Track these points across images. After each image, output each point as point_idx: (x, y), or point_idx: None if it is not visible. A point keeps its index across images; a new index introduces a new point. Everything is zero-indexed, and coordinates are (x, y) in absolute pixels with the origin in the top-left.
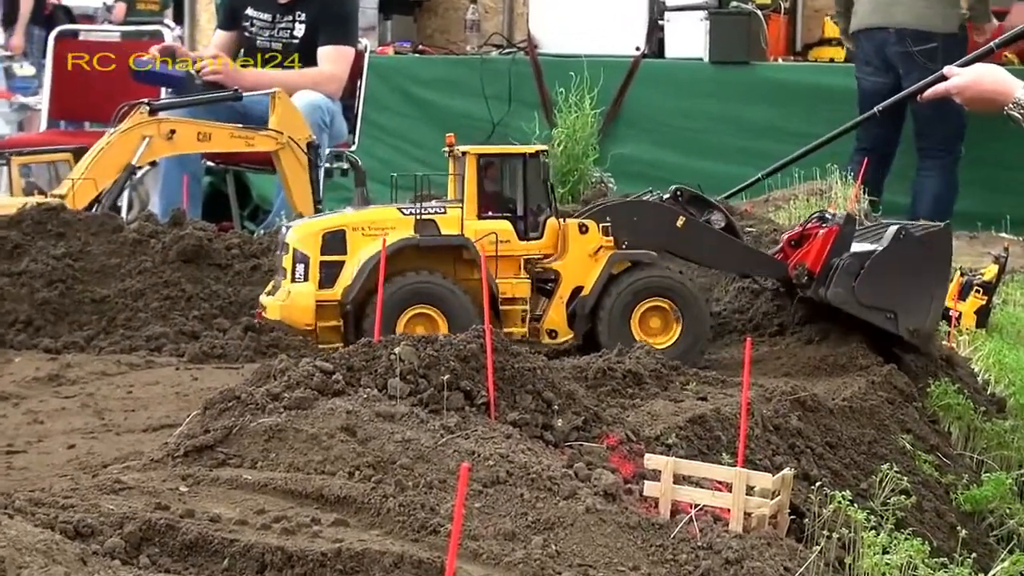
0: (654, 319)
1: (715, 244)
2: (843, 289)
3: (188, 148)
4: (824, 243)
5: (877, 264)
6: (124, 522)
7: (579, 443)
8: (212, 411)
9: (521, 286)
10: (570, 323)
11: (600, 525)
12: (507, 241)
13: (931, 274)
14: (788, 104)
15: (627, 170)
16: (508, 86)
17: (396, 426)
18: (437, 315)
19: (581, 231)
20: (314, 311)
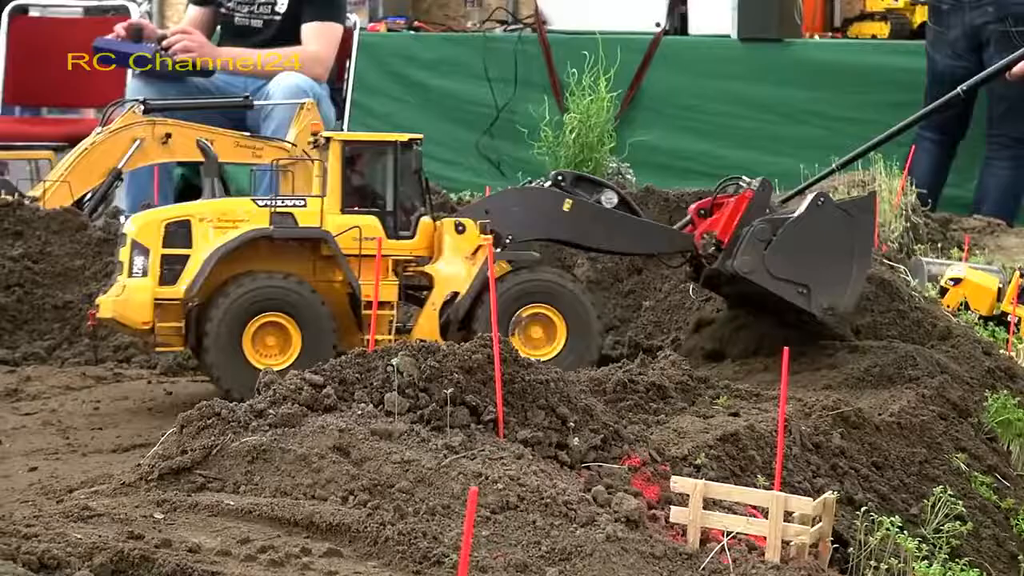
0: (535, 328)
1: (609, 225)
2: (751, 257)
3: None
4: (735, 210)
5: (791, 232)
6: (93, 553)
7: (598, 464)
8: (190, 429)
9: (389, 289)
10: (443, 333)
11: (622, 555)
12: (374, 239)
13: (851, 246)
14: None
15: (647, 160)
16: (514, 67)
17: (394, 445)
18: (289, 324)
19: (458, 230)
20: (152, 309)
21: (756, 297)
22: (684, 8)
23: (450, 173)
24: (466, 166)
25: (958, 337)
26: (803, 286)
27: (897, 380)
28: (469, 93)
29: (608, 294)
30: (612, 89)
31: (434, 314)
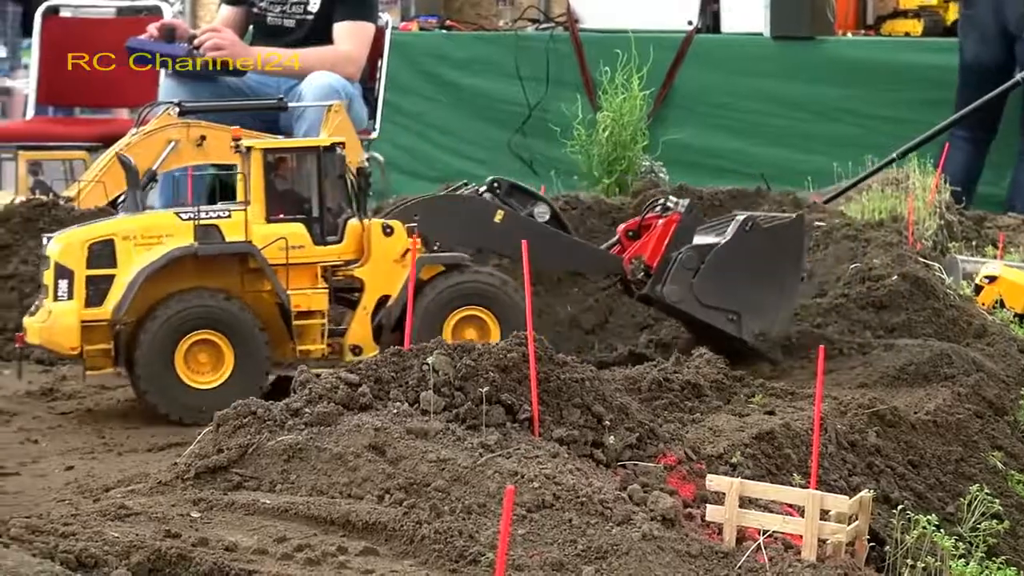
0: (470, 329)
1: (538, 240)
2: (680, 286)
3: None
4: (663, 234)
5: (719, 259)
6: (131, 551)
7: (633, 462)
8: (226, 428)
9: (318, 298)
10: (376, 337)
11: (658, 553)
12: (301, 247)
13: (781, 270)
14: (858, 84)
15: (680, 158)
16: (546, 65)
17: (430, 444)
18: (222, 341)
19: (386, 233)
20: (79, 333)
21: (689, 320)
22: (716, 6)
23: (482, 172)
24: (498, 165)
25: (993, 335)
26: (733, 313)
27: (933, 378)
28: (501, 92)
29: None
30: (645, 87)
31: (366, 318)
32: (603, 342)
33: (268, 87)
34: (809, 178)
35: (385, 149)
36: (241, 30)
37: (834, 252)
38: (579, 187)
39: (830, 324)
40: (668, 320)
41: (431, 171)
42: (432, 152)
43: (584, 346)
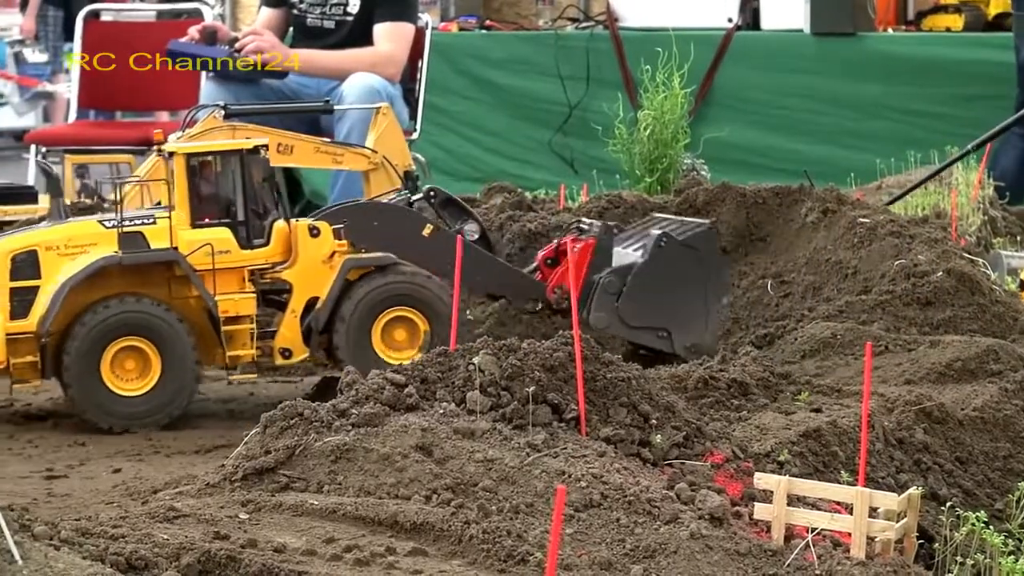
0: (399, 331)
1: (464, 259)
2: (606, 312)
3: None
4: (582, 260)
5: (639, 279)
6: (181, 553)
7: (680, 461)
8: (273, 429)
9: (246, 302)
10: (306, 339)
11: (706, 552)
12: (227, 251)
13: (703, 281)
14: (900, 80)
15: (721, 156)
16: (586, 64)
17: (477, 444)
18: (148, 347)
19: (312, 234)
20: (5, 346)
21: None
22: (756, 3)
23: (524, 172)
24: (539, 164)
25: None
26: (662, 330)
27: (979, 374)
28: (541, 91)
29: None
30: (686, 85)
31: (295, 320)
32: None
33: (309, 89)
34: (852, 174)
35: (426, 150)
36: (281, 32)
37: (878, 249)
38: (621, 186)
39: (875, 321)
40: None
41: (473, 171)
42: (473, 152)
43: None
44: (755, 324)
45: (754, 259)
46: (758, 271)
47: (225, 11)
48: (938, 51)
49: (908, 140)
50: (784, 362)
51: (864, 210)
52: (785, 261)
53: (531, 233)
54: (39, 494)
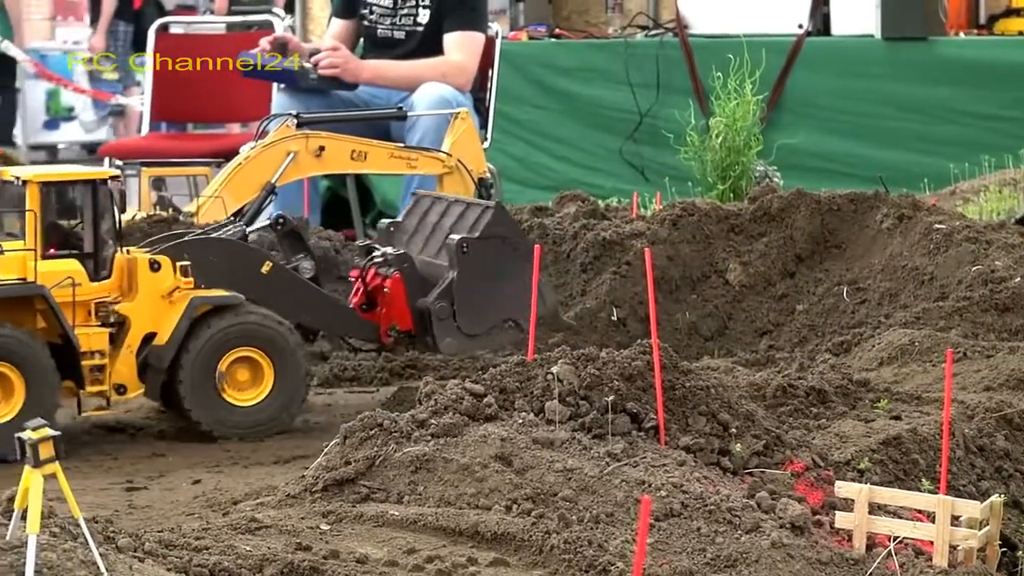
0: (242, 371)
1: (299, 297)
2: (453, 338)
3: (339, 167)
4: (398, 295)
5: (464, 292)
6: (264, 565)
7: (760, 470)
8: (352, 440)
9: (99, 336)
10: (141, 375)
11: (788, 561)
12: (80, 284)
13: (515, 259)
14: (972, 84)
15: (794, 162)
16: (656, 72)
17: (556, 454)
18: (12, 373)
19: (153, 268)
20: None
21: None
22: (827, 8)
23: (595, 180)
24: (610, 172)
25: None
26: (507, 321)
27: None
28: (611, 99)
29: (761, 298)
30: (758, 92)
31: (131, 356)
32: (722, 348)
33: (379, 99)
34: (925, 180)
35: (497, 159)
36: (352, 42)
37: (955, 255)
38: (693, 193)
39: (953, 328)
40: (788, 325)
41: (543, 180)
42: (544, 161)
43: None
44: (831, 331)
45: (829, 266)
46: (833, 278)
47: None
48: (1010, 55)
49: (980, 145)
50: (862, 369)
51: (940, 216)
52: (860, 268)
53: (606, 242)
54: (120, 506)
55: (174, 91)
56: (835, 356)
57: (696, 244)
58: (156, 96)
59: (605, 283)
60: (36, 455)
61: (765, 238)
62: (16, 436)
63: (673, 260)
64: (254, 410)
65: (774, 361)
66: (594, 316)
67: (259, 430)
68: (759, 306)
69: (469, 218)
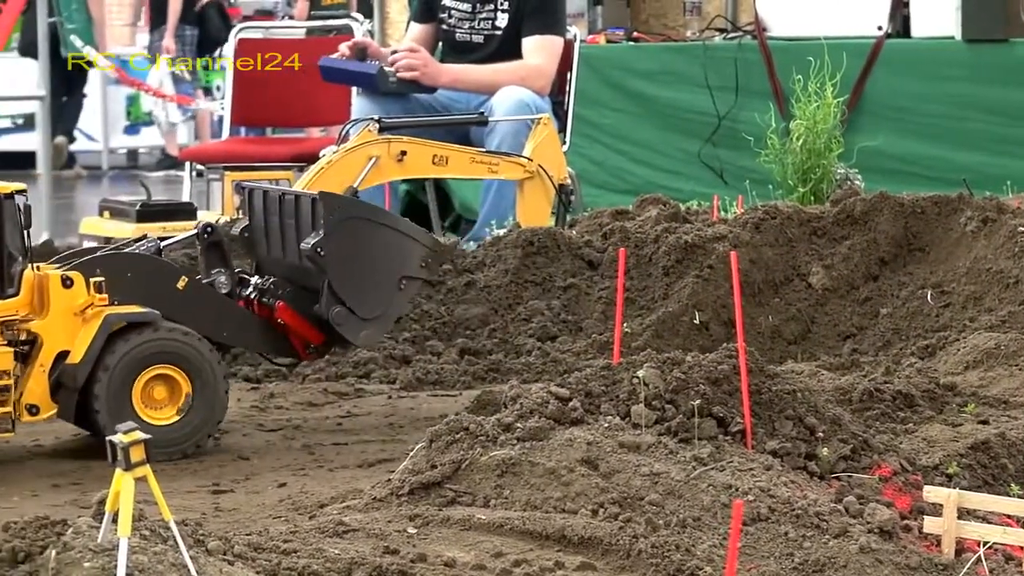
0: (159, 389)
1: (218, 313)
2: (364, 330)
3: (421, 172)
4: (292, 319)
5: (345, 288)
6: (352, 568)
7: (848, 474)
8: (438, 444)
9: (4, 356)
10: (54, 395)
11: (876, 566)
12: None
13: (368, 226)
14: None
15: (875, 165)
16: (735, 75)
17: (642, 458)
18: None
19: (65, 285)
20: None
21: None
22: (907, 11)
23: (673, 183)
24: (689, 176)
25: None
26: (401, 280)
27: None
28: (690, 102)
29: (844, 301)
30: (839, 94)
31: (43, 375)
32: (805, 352)
33: (459, 103)
34: (1008, 182)
35: (576, 162)
36: (431, 46)
37: None
38: (774, 196)
39: None
40: (872, 329)
41: (622, 183)
42: (622, 164)
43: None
44: (915, 335)
45: (913, 269)
46: (917, 281)
47: (374, 27)
48: None
49: None
50: (948, 373)
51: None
52: (945, 271)
53: (688, 245)
54: (207, 508)
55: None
56: (920, 360)
57: (779, 247)
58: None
59: (687, 287)
60: (127, 458)
61: (848, 241)
62: (107, 439)
63: (755, 263)
64: (171, 429)
65: (858, 365)
66: (676, 320)
67: (176, 449)
68: (842, 310)
69: (304, 215)
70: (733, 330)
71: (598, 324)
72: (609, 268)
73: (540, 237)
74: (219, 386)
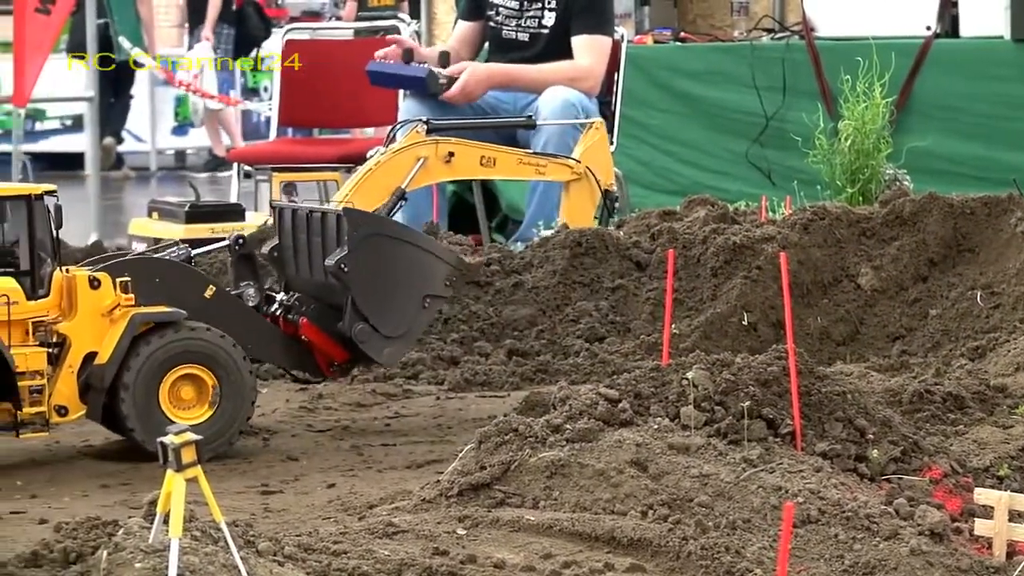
0: (186, 389)
1: (245, 324)
2: (387, 348)
3: (468, 173)
4: (316, 336)
5: (369, 305)
6: (402, 569)
7: (898, 476)
8: (487, 445)
9: (36, 356)
10: (83, 396)
11: (927, 569)
12: (16, 302)
13: (392, 243)
14: None
15: (924, 165)
16: (782, 75)
17: (692, 459)
18: None
19: (92, 286)
20: None
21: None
22: (955, 10)
23: (721, 184)
24: (736, 176)
25: None
26: (423, 300)
27: None
28: (737, 103)
29: (893, 302)
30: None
31: (72, 376)
32: (854, 353)
33: (505, 104)
34: None
35: (623, 163)
36: (477, 45)
37: None
38: (822, 197)
39: None
40: (921, 330)
41: (669, 184)
42: (670, 165)
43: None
44: (965, 336)
45: (962, 270)
46: (967, 282)
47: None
48: None
49: None
50: (998, 375)
51: None
52: (995, 272)
53: (736, 246)
54: (256, 509)
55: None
56: (970, 361)
57: (827, 248)
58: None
59: (736, 287)
60: (178, 459)
61: (897, 242)
62: (158, 440)
63: (804, 264)
64: (199, 428)
65: (908, 366)
66: (725, 321)
67: (207, 448)
68: (891, 311)
69: (330, 232)
70: (781, 331)
71: (646, 325)
72: (657, 269)
73: (588, 238)
74: (246, 384)
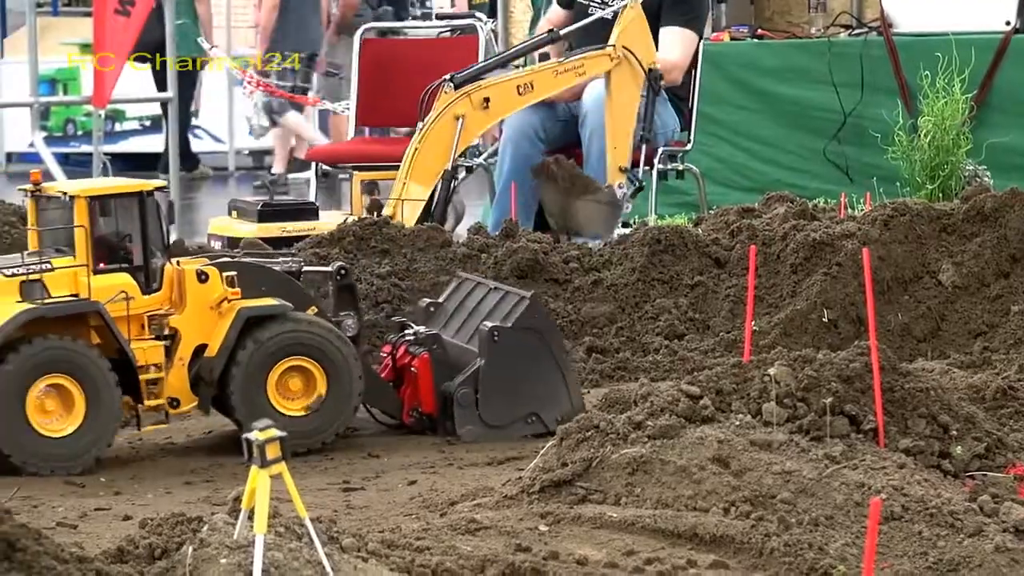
0: (294, 380)
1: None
2: (472, 425)
3: (510, 108)
4: (425, 376)
5: (490, 382)
6: (485, 565)
7: (982, 473)
8: (569, 442)
9: (154, 350)
10: (194, 388)
11: (1012, 566)
12: (132, 298)
13: (548, 352)
14: None
15: (1004, 161)
16: (860, 71)
17: (774, 456)
18: (74, 387)
19: (200, 279)
20: None
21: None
22: None
23: (799, 181)
24: (814, 173)
25: None
26: (530, 416)
27: None
28: (815, 99)
29: (975, 299)
30: (967, 90)
31: (183, 369)
32: (936, 350)
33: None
34: None
35: (700, 160)
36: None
37: None
38: (901, 194)
39: None
40: (1003, 327)
41: (747, 181)
42: (747, 162)
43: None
44: None
45: None
46: None
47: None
48: None
49: None
50: None
51: None
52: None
53: (816, 243)
54: (338, 506)
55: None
56: None
57: (908, 244)
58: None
59: (816, 284)
60: (263, 456)
61: (978, 238)
62: (244, 437)
63: (885, 261)
64: (305, 420)
65: (990, 363)
66: (805, 318)
67: (308, 441)
68: (973, 307)
69: (504, 307)
70: (862, 328)
71: (725, 322)
72: (736, 266)
73: (667, 235)
74: (353, 376)
